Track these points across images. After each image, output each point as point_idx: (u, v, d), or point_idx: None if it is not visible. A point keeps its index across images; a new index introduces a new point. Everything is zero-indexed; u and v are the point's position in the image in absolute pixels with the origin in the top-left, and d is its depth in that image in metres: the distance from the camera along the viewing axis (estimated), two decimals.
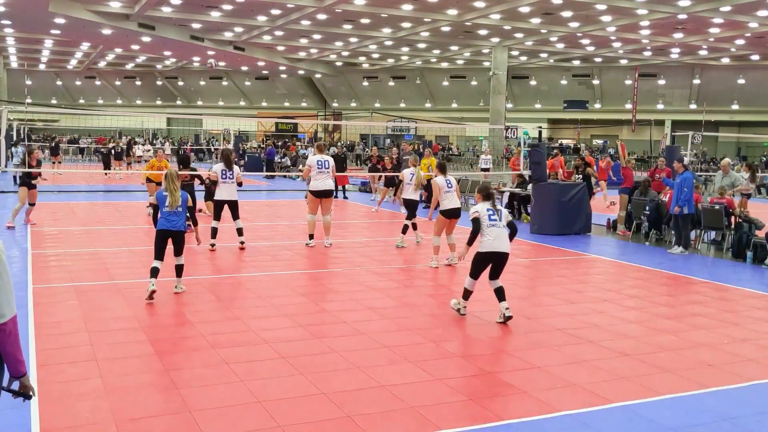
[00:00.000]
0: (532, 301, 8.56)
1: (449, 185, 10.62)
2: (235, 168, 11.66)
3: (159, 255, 8.02)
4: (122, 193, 21.96)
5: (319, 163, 11.74)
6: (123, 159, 31.29)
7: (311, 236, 12.01)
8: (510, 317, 7.20)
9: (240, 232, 11.55)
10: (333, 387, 5.33)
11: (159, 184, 13.71)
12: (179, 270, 8.23)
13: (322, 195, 11.77)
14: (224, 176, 11.48)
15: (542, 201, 14.64)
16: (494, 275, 7.30)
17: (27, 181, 13.62)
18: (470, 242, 7.28)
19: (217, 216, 11.56)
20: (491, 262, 7.26)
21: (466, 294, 7.48)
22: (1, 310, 2.93)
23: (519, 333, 7.01)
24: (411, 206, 12.44)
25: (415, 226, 12.45)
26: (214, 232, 11.45)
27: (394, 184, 17.93)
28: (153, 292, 7.78)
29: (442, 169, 10.80)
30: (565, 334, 6.97)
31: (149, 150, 35.21)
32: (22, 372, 3.07)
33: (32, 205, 13.81)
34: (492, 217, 7.27)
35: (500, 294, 7.27)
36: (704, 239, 13.52)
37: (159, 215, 8.13)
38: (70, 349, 6.10)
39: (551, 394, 5.33)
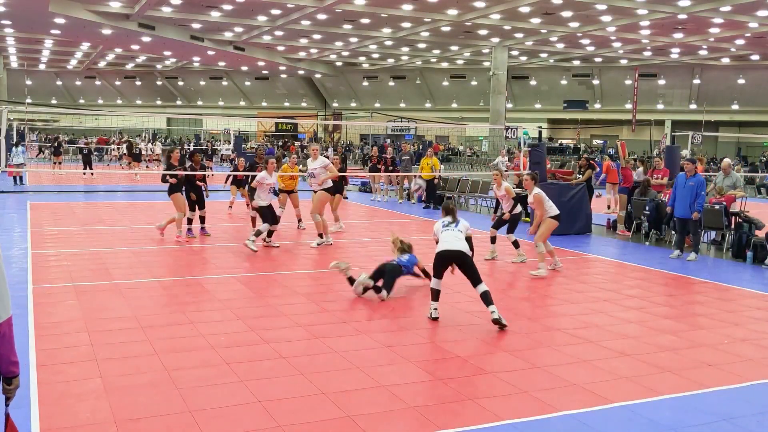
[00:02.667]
0: (532, 301, 8.56)
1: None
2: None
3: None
4: (123, 193, 21.95)
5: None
6: (141, 160, 31.44)
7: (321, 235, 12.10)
8: (497, 320, 7.02)
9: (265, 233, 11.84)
10: (333, 387, 5.32)
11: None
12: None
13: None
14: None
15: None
16: (472, 281, 7.31)
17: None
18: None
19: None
20: (451, 263, 7.54)
21: (433, 294, 7.52)
22: None
23: (519, 333, 7.00)
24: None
25: (516, 244, 11.43)
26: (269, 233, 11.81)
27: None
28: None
29: (535, 180, 10.39)
30: (565, 334, 6.97)
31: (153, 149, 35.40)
32: (15, 373, 3.07)
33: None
34: (445, 226, 7.65)
35: (486, 299, 7.18)
36: (704, 239, 13.51)
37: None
38: (70, 349, 6.10)
39: (551, 394, 5.33)
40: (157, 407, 4.88)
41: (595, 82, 49.88)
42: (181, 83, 62.00)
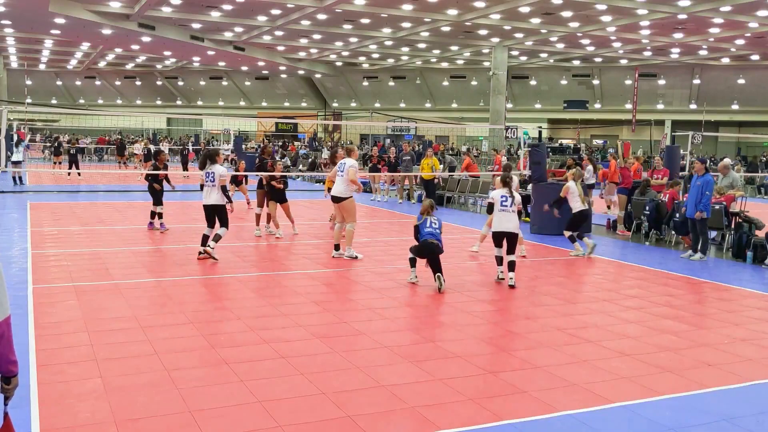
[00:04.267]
0: (532, 301, 8.56)
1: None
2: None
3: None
4: (122, 193, 21.95)
5: (338, 166, 11.12)
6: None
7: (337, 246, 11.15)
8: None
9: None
10: (333, 387, 5.32)
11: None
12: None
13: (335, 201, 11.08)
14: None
15: (542, 201, 14.60)
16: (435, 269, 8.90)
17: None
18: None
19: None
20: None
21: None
22: None
23: (519, 333, 7.01)
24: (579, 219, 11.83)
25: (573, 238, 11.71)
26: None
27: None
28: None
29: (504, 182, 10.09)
30: (565, 334, 6.97)
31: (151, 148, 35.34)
32: (14, 372, 3.06)
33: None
34: (504, 203, 9.52)
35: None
36: None
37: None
38: (70, 349, 6.09)
39: (551, 394, 5.33)
40: (157, 407, 4.88)
41: (595, 82, 49.88)
42: (181, 83, 62.00)
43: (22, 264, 9.68)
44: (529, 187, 15.93)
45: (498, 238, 9.55)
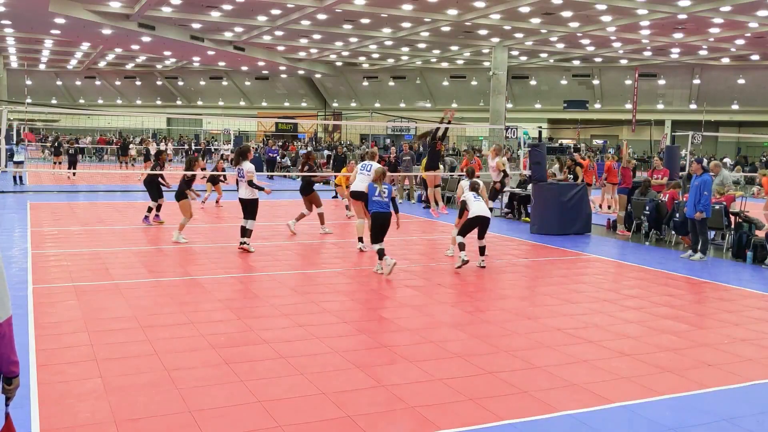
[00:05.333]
0: (532, 301, 8.56)
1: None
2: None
3: None
4: (122, 193, 21.95)
5: (362, 166, 11.64)
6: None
7: (361, 239, 11.67)
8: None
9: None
10: (333, 387, 5.32)
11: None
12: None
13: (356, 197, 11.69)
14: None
15: (542, 201, 14.63)
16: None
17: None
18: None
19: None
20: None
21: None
22: None
23: (519, 333, 7.01)
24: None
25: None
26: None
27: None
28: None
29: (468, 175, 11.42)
30: (565, 334, 6.97)
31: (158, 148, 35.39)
32: (15, 373, 3.05)
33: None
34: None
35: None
36: None
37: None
38: (70, 349, 6.09)
39: (551, 394, 5.33)
40: (157, 407, 4.88)
41: (595, 82, 49.86)
42: (181, 83, 61.98)
43: (22, 264, 9.68)
44: (529, 187, 15.94)
45: (473, 223, 10.19)
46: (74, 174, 26.90)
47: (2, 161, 15.07)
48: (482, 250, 10.43)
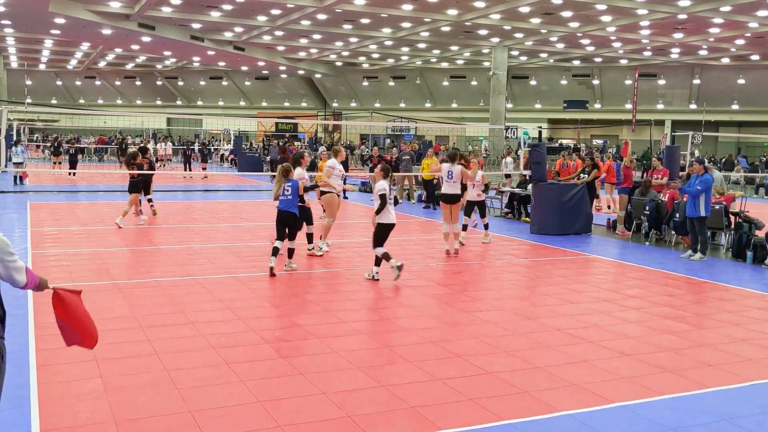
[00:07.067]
0: (532, 301, 8.56)
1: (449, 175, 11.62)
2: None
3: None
4: (122, 193, 21.92)
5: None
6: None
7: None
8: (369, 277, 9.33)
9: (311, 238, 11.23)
10: (333, 387, 5.32)
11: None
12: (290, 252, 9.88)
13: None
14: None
15: (542, 201, 14.63)
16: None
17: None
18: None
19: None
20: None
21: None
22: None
23: (519, 333, 7.01)
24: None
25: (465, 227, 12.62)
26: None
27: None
28: (271, 268, 9.38)
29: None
30: (565, 334, 6.97)
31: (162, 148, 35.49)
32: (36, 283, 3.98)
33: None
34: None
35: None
36: None
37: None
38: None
39: (551, 394, 5.33)
40: (157, 407, 4.88)
41: (595, 82, 49.86)
42: (181, 83, 61.98)
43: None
44: (529, 187, 15.94)
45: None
46: (74, 174, 26.90)
47: (2, 161, 15.07)
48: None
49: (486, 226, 13.19)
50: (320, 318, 7.38)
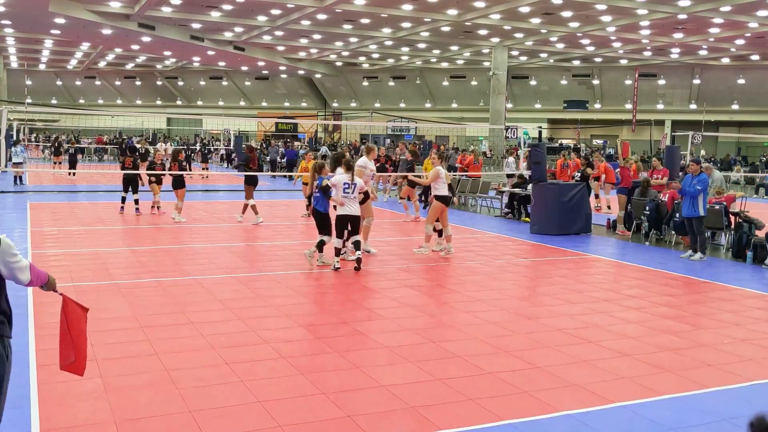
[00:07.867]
0: (532, 301, 8.56)
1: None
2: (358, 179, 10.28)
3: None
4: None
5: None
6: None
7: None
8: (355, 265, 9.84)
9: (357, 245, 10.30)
10: (333, 387, 5.32)
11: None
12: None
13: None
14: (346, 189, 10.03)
15: (542, 201, 14.64)
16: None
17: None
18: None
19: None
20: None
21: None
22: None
23: (519, 333, 7.01)
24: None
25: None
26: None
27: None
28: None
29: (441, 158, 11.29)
30: (565, 334, 6.97)
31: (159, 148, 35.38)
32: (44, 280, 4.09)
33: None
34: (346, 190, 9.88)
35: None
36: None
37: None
38: None
39: (551, 394, 5.33)
40: (157, 407, 4.88)
41: (595, 82, 49.86)
42: (181, 83, 61.98)
43: None
44: (529, 187, 15.94)
45: (343, 222, 10.05)
46: (74, 174, 26.90)
47: (2, 161, 15.06)
48: (357, 245, 10.16)
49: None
50: (320, 318, 7.38)
